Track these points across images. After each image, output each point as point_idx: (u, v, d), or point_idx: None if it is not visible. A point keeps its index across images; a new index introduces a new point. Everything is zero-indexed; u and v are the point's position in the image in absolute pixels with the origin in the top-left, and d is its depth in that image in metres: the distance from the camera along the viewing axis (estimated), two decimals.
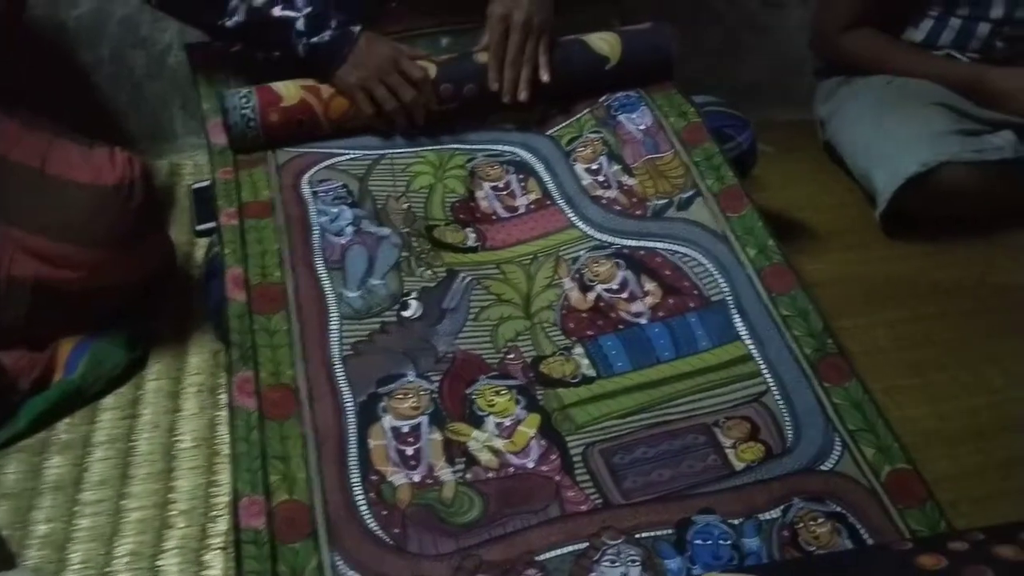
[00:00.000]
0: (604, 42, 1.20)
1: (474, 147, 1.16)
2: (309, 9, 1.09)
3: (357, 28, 1.10)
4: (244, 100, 1.09)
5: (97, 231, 1.04)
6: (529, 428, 0.89)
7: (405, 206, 1.09)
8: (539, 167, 1.16)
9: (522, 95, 1.14)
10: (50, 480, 1.02)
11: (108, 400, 1.13)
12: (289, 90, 1.10)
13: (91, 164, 1.05)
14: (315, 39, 1.08)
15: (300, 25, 1.08)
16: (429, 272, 1.02)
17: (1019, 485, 0.99)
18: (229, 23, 1.10)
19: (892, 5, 1.54)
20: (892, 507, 0.83)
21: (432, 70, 1.13)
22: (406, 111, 1.12)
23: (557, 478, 0.85)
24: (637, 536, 0.80)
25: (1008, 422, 1.08)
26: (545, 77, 1.15)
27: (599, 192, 1.12)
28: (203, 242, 1.27)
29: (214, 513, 0.97)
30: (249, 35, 1.12)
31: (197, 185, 1.40)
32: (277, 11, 1.08)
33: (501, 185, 1.14)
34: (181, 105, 1.67)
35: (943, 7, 1.51)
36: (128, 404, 1.12)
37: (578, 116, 1.20)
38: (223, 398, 1.09)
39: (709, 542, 0.80)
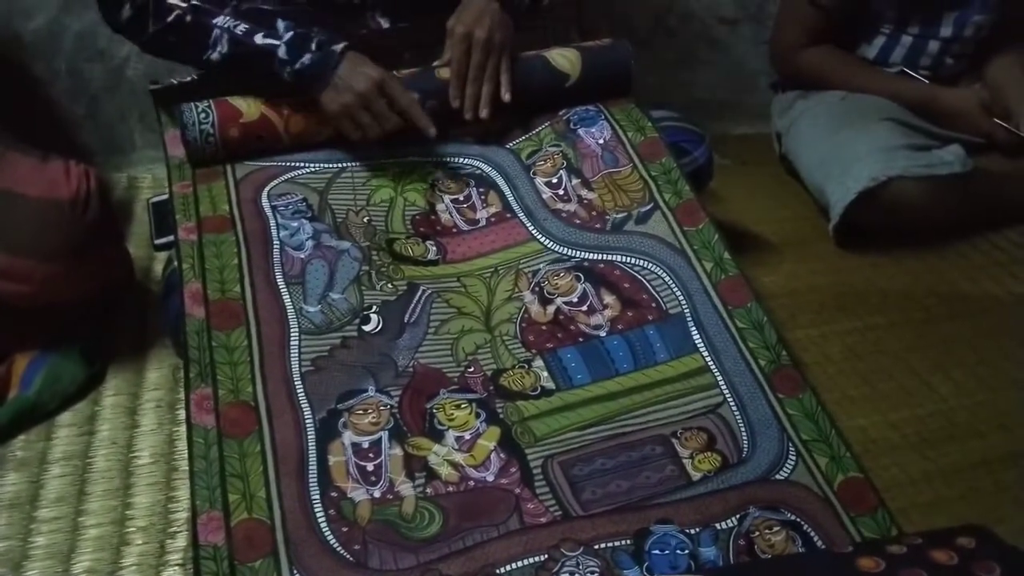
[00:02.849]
0: (564, 58, 1.21)
1: (435, 160, 1.17)
2: (290, 34, 1.07)
3: (339, 47, 1.07)
4: (203, 115, 1.08)
5: (51, 245, 1.03)
6: (489, 441, 0.90)
7: (365, 220, 1.09)
8: (500, 180, 1.17)
9: (483, 112, 1.15)
10: (6, 498, 1.00)
11: (65, 416, 1.11)
12: (249, 105, 1.10)
13: (45, 177, 1.03)
14: (298, 65, 1.06)
15: (282, 53, 1.06)
16: (390, 286, 1.02)
17: (963, 492, 1.02)
18: (214, 56, 1.08)
19: (846, 23, 1.58)
20: (845, 515, 0.85)
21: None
22: (390, 136, 1.11)
23: (517, 491, 0.86)
24: (596, 547, 0.81)
25: (953, 430, 1.11)
26: (506, 97, 1.15)
27: (559, 205, 1.14)
28: (163, 256, 1.26)
29: (173, 529, 0.96)
30: (235, 66, 1.09)
31: (156, 199, 1.38)
32: (259, 39, 1.07)
33: (462, 198, 1.15)
34: (139, 118, 1.66)
35: (895, 24, 1.55)
36: (85, 420, 1.11)
37: (538, 130, 1.21)
38: (182, 413, 1.09)
39: (666, 552, 0.81)
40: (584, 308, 1.03)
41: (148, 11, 1.08)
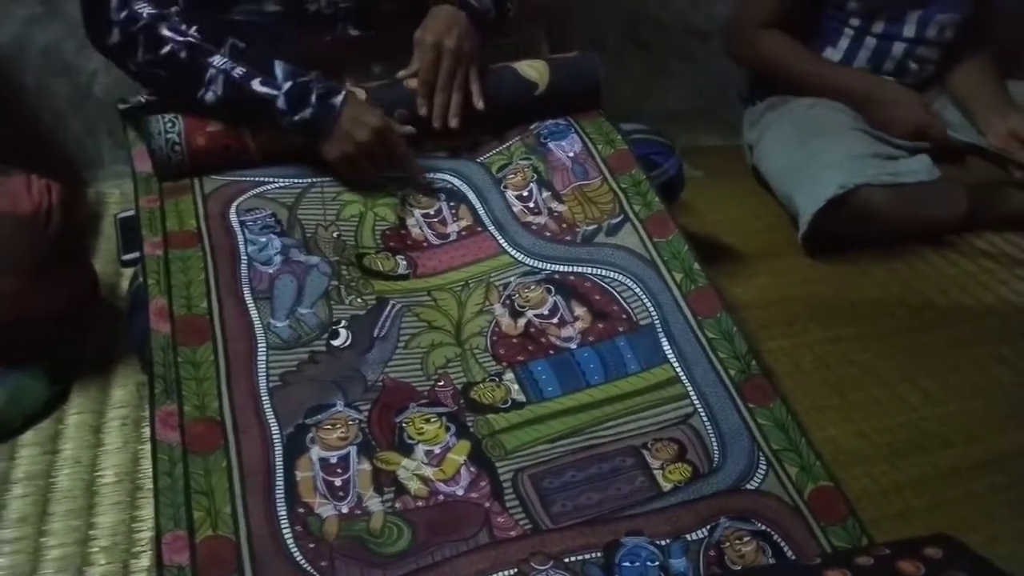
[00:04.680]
0: (533, 69, 1.22)
1: (405, 175, 1.17)
2: (289, 84, 1.05)
3: (339, 99, 1.07)
4: (169, 124, 1.07)
5: (13, 260, 1.01)
6: (459, 455, 0.89)
7: (335, 234, 1.08)
8: (470, 194, 1.16)
9: (452, 121, 1.15)
10: None
11: (28, 435, 1.09)
12: None
13: (6, 192, 1.02)
14: (297, 117, 1.05)
15: (281, 104, 1.05)
16: (359, 300, 1.01)
17: (932, 502, 1.02)
18: (208, 96, 1.06)
19: (810, 19, 1.59)
20: (815, 524, 0.85)
21: (363, 95, 1.14)
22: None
23: (487, 505, 0.85)
24: (566, 560, 0.80)
25: (923, 440, 1.11)
26: (479, 104, 1.16)
27: (529, 218, 1.14)
28: (129, 272, 1.25)
29: (137, 549, 0.95)
30: (230, 111, 1.08)
31: (123, 214, 1.37)
32: (257, 86, 1.05)
33: (432, 212, 1.15)
34: (107, 133, 1.65)
35: (860, 19, 1.57)
36: (48, 439, 1.09)
37: (508, 143, 1.21)
38: (147, 431, 1.06)
39: (637, 563, 0.81)
40: (555, 320, 1.03)
41: (138, 41, 1.05)
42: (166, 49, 1.05)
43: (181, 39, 1.05)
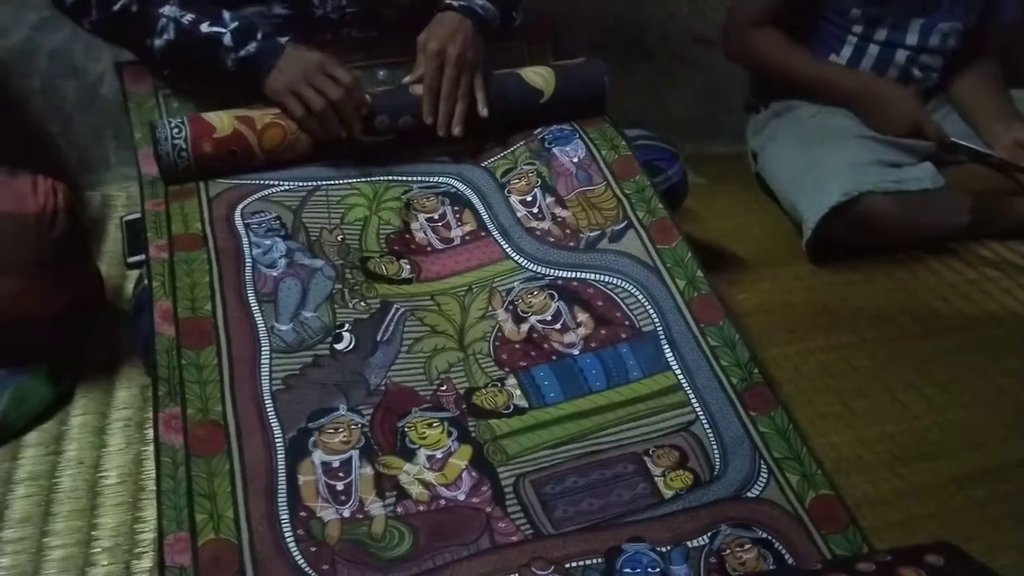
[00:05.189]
0: (539, 76, 1.22)
1: (409, 179, 1.17)
2: (236, 24, 1.10)
3: (284, 39, 1.11)
4: (176, 130, 1.08)
5: (18, 260, 1.01)
6: (461, 460, 0.89)
7: (339, 238, 1.09)
8: (474, 199, 1.17)
9: (456, 129, 1.16)
10: None
11: (32, 436, 1.09)
12: (222, 120, 1.10)
13: (12, 192, 1.02)
14: (243, 52, 1.09)
15: (227, 40, 1.09)
16: (363, 304, 1.02)
17: (934, 510, 1.02)
18: (159, 42, 1.10)
19: (808, 11, 1.59)
20: (816, 532, 0.85)
21: (368, 99, 1.14)
22: (336, 111, 1.11)
23: (488, 510, 0.85)
24: (567, 566, 0.80)
25: (925, 448, 1.11)
26: (484, 112, 1.16)
27: (533, 224, 1.14)
28: (134, 275, 1.25)
29: (139, 550, 0.95)
30: (178, 55, 1.12)
31: (129, 217, 1.38)
32: (205, 27, 1.09)
33: (436, 216, 1.15)
34: (114, 136, 1.65)
35: (862, 26, 1.57)
36: (52, 440, 1.09)
37: (513, 148, 1.22)
38: (151, 433, 1.07)
39: (638, 570, 0.80)
40: (558, 326, 1.03)
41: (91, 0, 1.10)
42: (119, 5, 1.09)
43: None
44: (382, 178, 1.16)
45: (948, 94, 1.64)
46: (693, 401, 0.96)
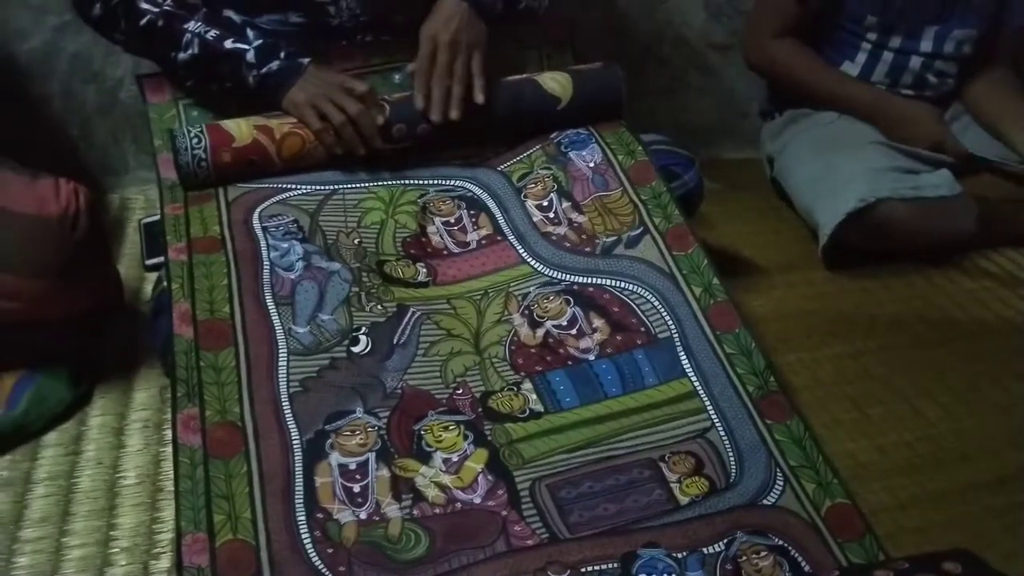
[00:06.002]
0: (556, 82, 1.22)
1: (426, 182, 1.18)
2: (260, 41, 1.12)
3: (306, 60, 1.13)
4: (195, 140, 1.08)
5: (39, 262, 1.03)
6: (476, 463, 0.90)
7: (356, 241, 1.09)
8: (490, 203, 1.17)
9: (453, 113, 1.15)
10: None
11: (51, 436, 1.10)
12: (241, 130, 1.10)
13: (34, 194, 1.03)
14: (265, 69, 1.11)
15: (250, 57, 1.11)
16: (379, 307, 1.02)
17: (951, 517, 1.02)
18: (183, 56, 1.12)
19: (828, 33, 1.59)
20: (832, 540, 0.85)
21: (385, 110, 1.15)
22: (355, 126, 1.12)
23: (504, 513, 0.86)
24: (582, 570, 0.80)
25: (942, 455, 1.11)
26: (479, 98, 1.15)
27: (549, 228, 1.14)
28: (153, 277, 1.26)
29: (157, 550, 0.96)
30: (200, 69, 1.14)
31: (147, 220, 1.39)
32: (229, 44, 1.11)
33: (452, 220, 1.15)
34: (133, 139, 1.66)
35: (878, 34, 1.57)
36: (71, 440, 1.10)
37: (529, 152, 1.22)
38: (169, 434, 1.08)
39: (653, 575, 0.80)
40: (573, 332, 1.04)
41: (119, 13, 1.12)
42: (145, 20, 1.11)
43: (157, 9, 1.12)
44: (398, 182, 1.17)
45: (964, 100, 1.64)
46: (709, 408, 0.96)
